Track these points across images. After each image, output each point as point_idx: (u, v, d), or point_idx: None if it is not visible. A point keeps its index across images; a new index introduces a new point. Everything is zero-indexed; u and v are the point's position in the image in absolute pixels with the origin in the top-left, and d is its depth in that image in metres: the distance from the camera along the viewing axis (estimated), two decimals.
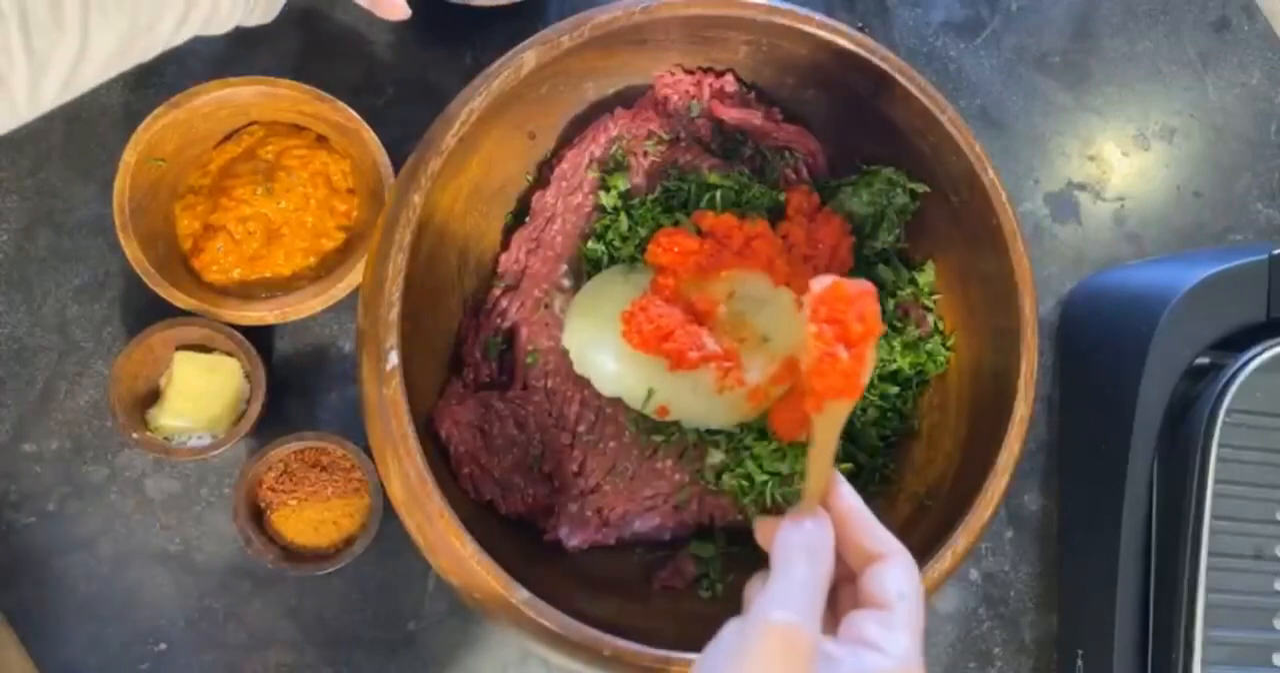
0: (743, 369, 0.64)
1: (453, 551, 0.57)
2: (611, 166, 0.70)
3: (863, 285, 0.48)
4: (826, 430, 0.48)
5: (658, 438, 0.67)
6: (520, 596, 0.56)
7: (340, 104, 0.72)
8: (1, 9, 0.46)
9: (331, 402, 0.75)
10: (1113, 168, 0.83)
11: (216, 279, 0.74)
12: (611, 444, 0.68)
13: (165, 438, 0.71)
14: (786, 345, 0.66)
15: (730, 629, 0.43)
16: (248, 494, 0.70)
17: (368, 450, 0.65)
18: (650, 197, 0.70)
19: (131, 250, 0.70)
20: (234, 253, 0.73)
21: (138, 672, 0.72)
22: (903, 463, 0.70)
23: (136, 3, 0.51)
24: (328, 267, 0.74)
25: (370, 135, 0.72)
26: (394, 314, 0.58)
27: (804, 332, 0.48)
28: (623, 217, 0.69)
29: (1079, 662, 0.73)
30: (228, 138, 0.76)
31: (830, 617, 0.45)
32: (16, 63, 0.47)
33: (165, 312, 0.71)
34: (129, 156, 0.70)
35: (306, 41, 0.78)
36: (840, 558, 0.46)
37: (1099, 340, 0.75)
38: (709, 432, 0.67)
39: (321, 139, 0.76)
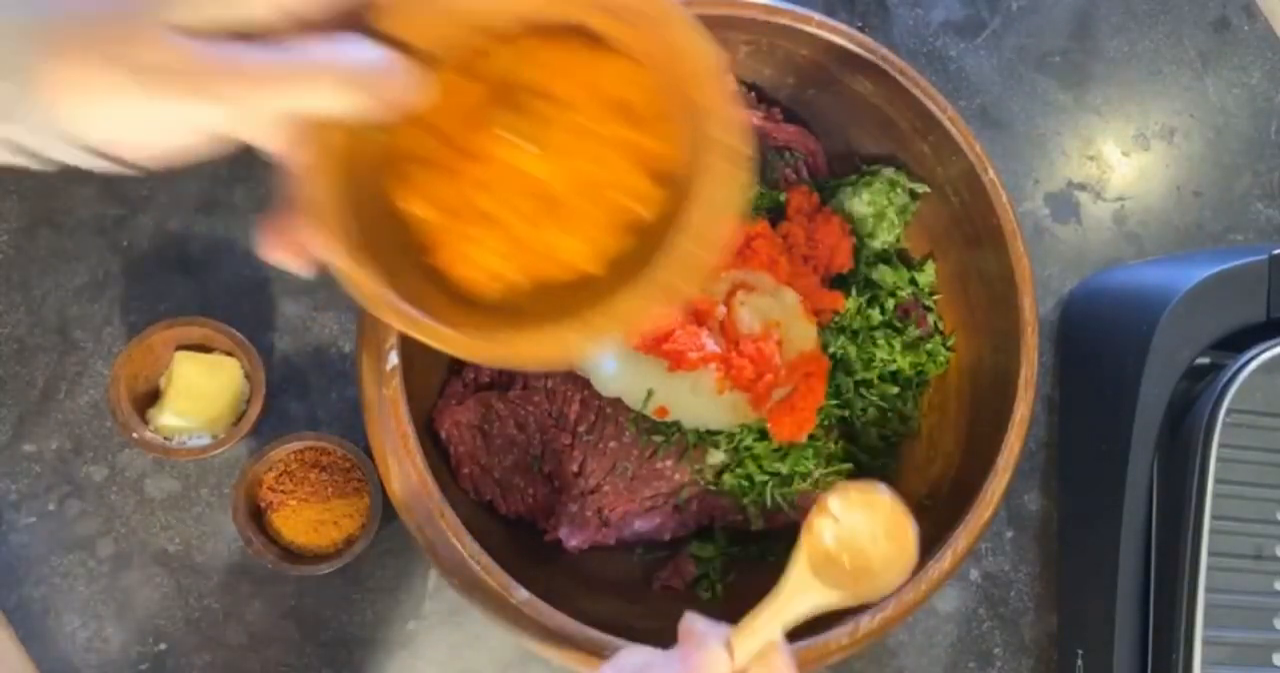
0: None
1: (452, 550, 0.57)
2: None
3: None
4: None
5: (658, 438, 0.67)
6: (520, 596, 0.56)
7: None
8: None
9: (331, 402, 0.75)
10: (1113, 168, 0.83)
11: (477, 282, 0.43)
12: (611, 444, 0.68)
13: (165, 438, 0.71)
14: (791, 346, 0.66)
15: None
16: (248, 494, 0.70)
17: (368, 450, 0.65)
18: None
19: (355, 276, 0.41)
20: (496, 242, 0.43)
21: (138, 672, 0.72)
22: (903, 463, 0.70)
23: None
24: (648, 244, 0.42)
25: (678, 11, 0.39)
26: None
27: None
28: None
29: (1079, 662, 0.73)
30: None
31: None
32: None
33: (165, 311, 0.71)
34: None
35: None
36: None
37: (1099, 340, 0.75)
38: (709, 432, 0.67)
39: (591, 38, 0.42)
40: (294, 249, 0.40)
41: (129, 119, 0.33)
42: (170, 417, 0.71)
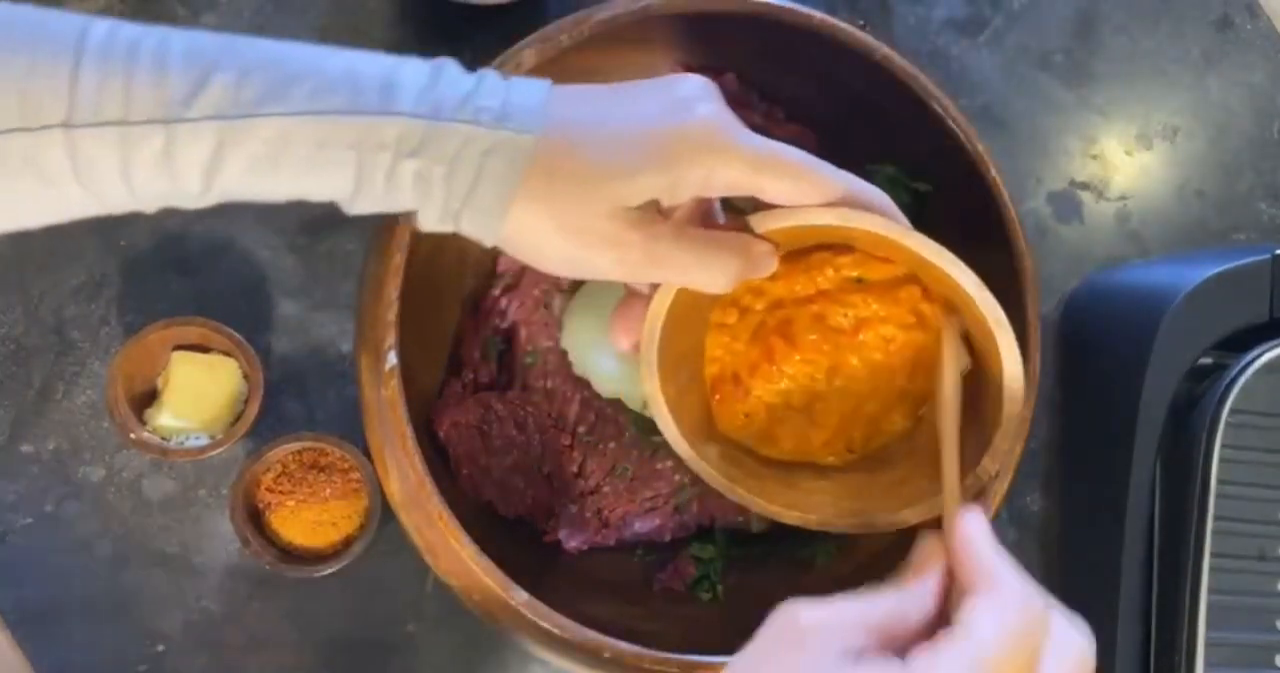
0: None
1: (452, 552, 0.57)
2: None
3: None
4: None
5: (658, 439, 0.67)
6: (519, 597, 0.56)
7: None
8: None
9: (330, 402, 0.75)
10: (1115, 167, 0.83)
11: (732, 431, 0.55)
12: (611, 445, 0.67)
13: (163, 438, 0.71)
14: None
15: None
16: (245, 495, 0.70)
17: (366, 451, 0.64)
18: None
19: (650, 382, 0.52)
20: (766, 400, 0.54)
21: (135, 672, 0.72)
22: None
23: None
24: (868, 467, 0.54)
25: (962, 270, 0.49)
26: (393, 314, 0.58)
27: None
28: None
29: None
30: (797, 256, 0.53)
31: None
32: None
33: (162, 312, 0.71)
34: None
35: (306, 41, 0.78)
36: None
37: (1101, 340, 0.75)
38: None
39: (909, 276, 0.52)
40: (631, 342, 0.53)
41: (551, 256, 0.44)
42: (168, 417, 0.71)
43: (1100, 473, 0.72)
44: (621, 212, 0.42)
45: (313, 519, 0.71)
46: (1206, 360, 0.69)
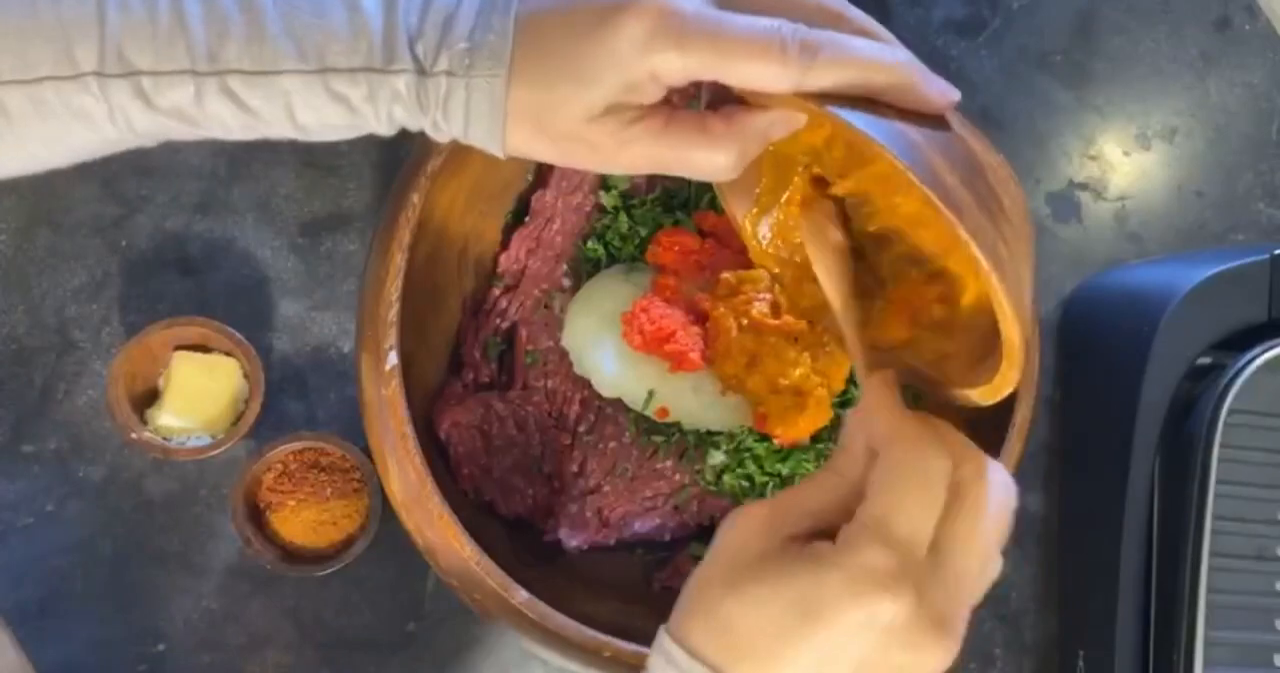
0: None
1: (452, 551, 0.57)
2: None
3: None
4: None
5: (658, 439, 0.67)
6: (520, 597, 0.56)
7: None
8: None
9: (331, 402, 0.75)
10: (1114, 167, 0.83)
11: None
12: (611, 445, 0.68)
13: (164, 438, 0.71)
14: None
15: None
16: (246, 495, 0.70)
17: (367, 451, 0.64)
18: (651, 196, 0.70)
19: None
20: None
21: (136, 672, 0.72)
22: None
23: None
24: None
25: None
26: (393, 314, 0.58)
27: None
28: (623, 216, 0.69)
29: (1080, 663, 0.73)
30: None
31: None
32: None
33: (163, 311, 0.71)
34: None
35: None
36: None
37: (1100, 341, 0.75)
38: (709, 433, 0.67)
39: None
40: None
41: (552, 159, 0.47)
42: (169, 417, 0.71)
43: (1100, 473, 0.72)
44: (596, 117, 0.44)
45: (313, 519, 0.71)
46: (1205, 360, 0.69)
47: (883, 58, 0.43)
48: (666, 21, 0.42)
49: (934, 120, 0.44)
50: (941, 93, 0.44)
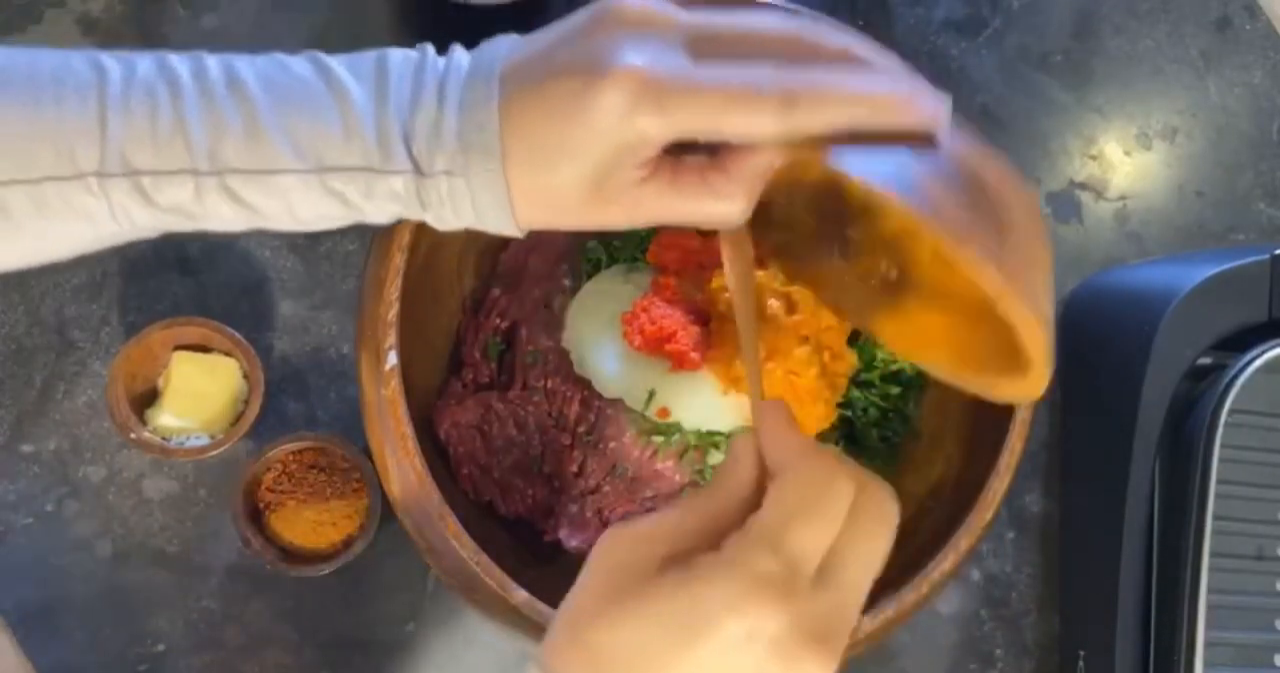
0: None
1: (452, 551, 0.57)
2: None
3: None
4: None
5: (658, 439, 0.67)
6: (519, 597, 0.56)
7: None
8: None
9: (331, 402, 0.75)
10: (1115, 167, 0.83)
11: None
12: (612, 445, 0.67)
13: (163, 438, 0.71)
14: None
15: None
16: (246, 495, 0.70)
17: (367, 451, 0.64)
18: None
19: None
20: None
21: (136, 672, 0.72)
22: (904, 464, 0.69)
23: None
24: None
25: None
26: (393, 314, 0.58)
27: None
28: None
29: (1080, 663, 0.73)
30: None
31: None
32: None
33: (163, 311, 0.71)
34: None
35: (307, 42, 0.78)
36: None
37: (1101, 340, 0.75)
38: (710, 433, 0.67)
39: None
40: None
41: (570, 227, 0.46)
42: (168, 417, 0.71)
43: (1100, 473, 0.72)
44: (601, 186, 0.44)
45: (313, 519, 0.71)
46: (1206, 360, 0.69)
47: (862, 92, 0.42)
48: (644, 88, 0.42)
49: (924, 139, 0.44)
50: (931, 115, 0.43)
